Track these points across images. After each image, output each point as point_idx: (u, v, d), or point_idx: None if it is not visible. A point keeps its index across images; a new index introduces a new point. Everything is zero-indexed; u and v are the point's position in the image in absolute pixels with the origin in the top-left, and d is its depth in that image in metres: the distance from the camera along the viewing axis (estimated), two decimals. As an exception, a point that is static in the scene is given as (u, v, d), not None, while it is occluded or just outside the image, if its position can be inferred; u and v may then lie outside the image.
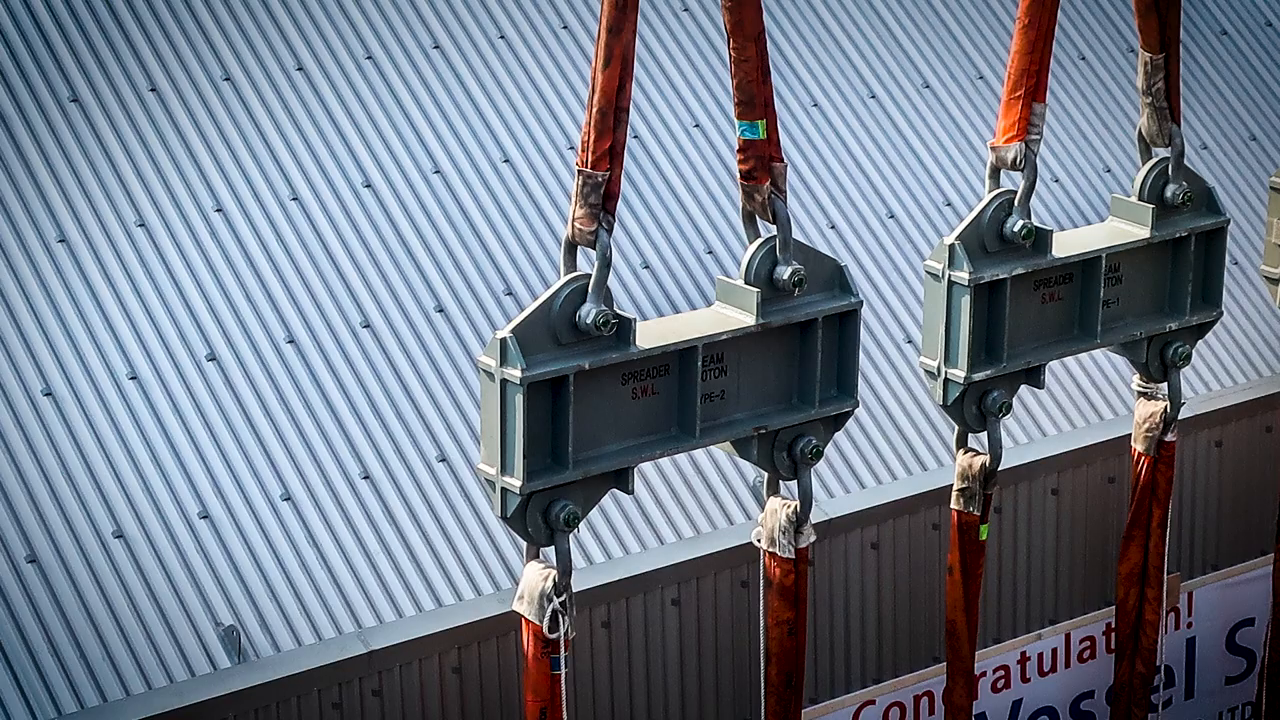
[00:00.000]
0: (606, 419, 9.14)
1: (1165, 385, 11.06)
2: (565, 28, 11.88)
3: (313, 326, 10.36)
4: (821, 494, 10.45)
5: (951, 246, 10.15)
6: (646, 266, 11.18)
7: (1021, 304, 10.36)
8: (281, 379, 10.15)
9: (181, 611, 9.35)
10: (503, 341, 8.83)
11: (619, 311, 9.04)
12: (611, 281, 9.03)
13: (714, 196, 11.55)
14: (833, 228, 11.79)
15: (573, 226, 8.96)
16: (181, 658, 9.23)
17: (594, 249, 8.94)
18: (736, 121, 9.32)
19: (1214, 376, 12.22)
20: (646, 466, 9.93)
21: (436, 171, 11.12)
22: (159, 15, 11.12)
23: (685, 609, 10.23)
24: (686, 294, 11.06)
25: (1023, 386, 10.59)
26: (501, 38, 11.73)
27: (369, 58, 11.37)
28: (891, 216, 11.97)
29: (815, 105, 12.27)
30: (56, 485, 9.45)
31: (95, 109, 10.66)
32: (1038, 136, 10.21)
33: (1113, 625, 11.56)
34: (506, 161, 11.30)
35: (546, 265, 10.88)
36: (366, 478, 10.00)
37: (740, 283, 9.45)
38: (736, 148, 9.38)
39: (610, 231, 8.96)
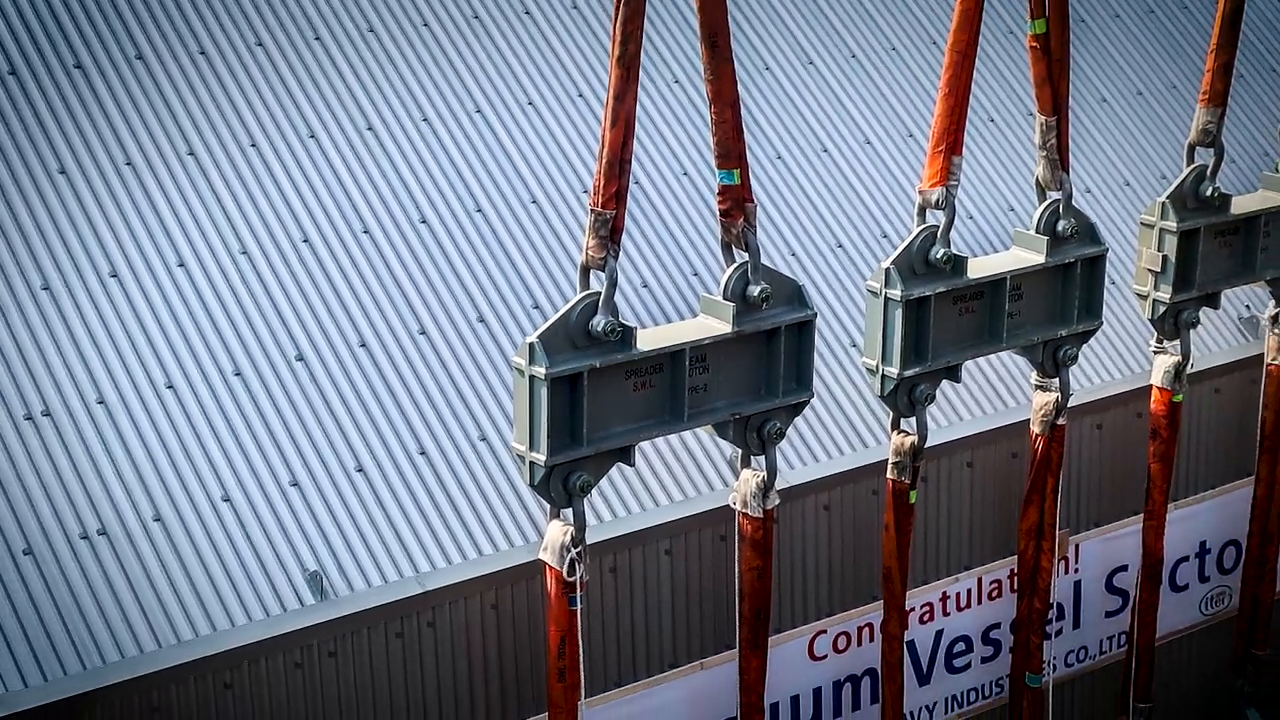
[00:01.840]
0: (613, 407, 9.13)
1: (1057, 380, 11.07)
2: (580, 95, 11.89)
3: (380, 333, 10.36)
4: (784, 466, 10.44)
5: (887, 270, 10.15)
6: (645, 285, 11.18)
7: (943, 315, 10.35)
8: (355, 375, 10.15)
9: (275, 559, 9.35)
10: (531, 345, 8.84)
11: (623, 321, 9.04)
12: (617, 297, 9.03)
13: (699, 230, 11.55)
14: (793, 255, 11.79)
15: (586, 254, 8.95)
16: (275, 596, 9.23)
17: (603, 272, 8.94)
18: (717, 170, 9.31)
19: (1096, 373, 12.23)
20: (645, 444, 9.92)
21: (478, 210, 11.12)
22: (265, 70, 11.11)
23: (676, 558, 10.22)
24: (677, 307, 11.06)
25: (944, 381, 10.59)
26: (530, 104, 11.74)
27: (425, 120, 11.37)
28: (840, 246, 11.97)
29: (779, 158, 12.27)
30: (177, 460, 9.46)
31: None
32: (956, 182, 10.21)
33: (1015, 571, 11.56)
34: (534, 202, 11.29)
35: (565, 284, 10.88)
36: (423, 453, 10.00)
37: (719, 299, 9.45)
38: (717, 191, 9.38)
39: (616, 258, 8.96)
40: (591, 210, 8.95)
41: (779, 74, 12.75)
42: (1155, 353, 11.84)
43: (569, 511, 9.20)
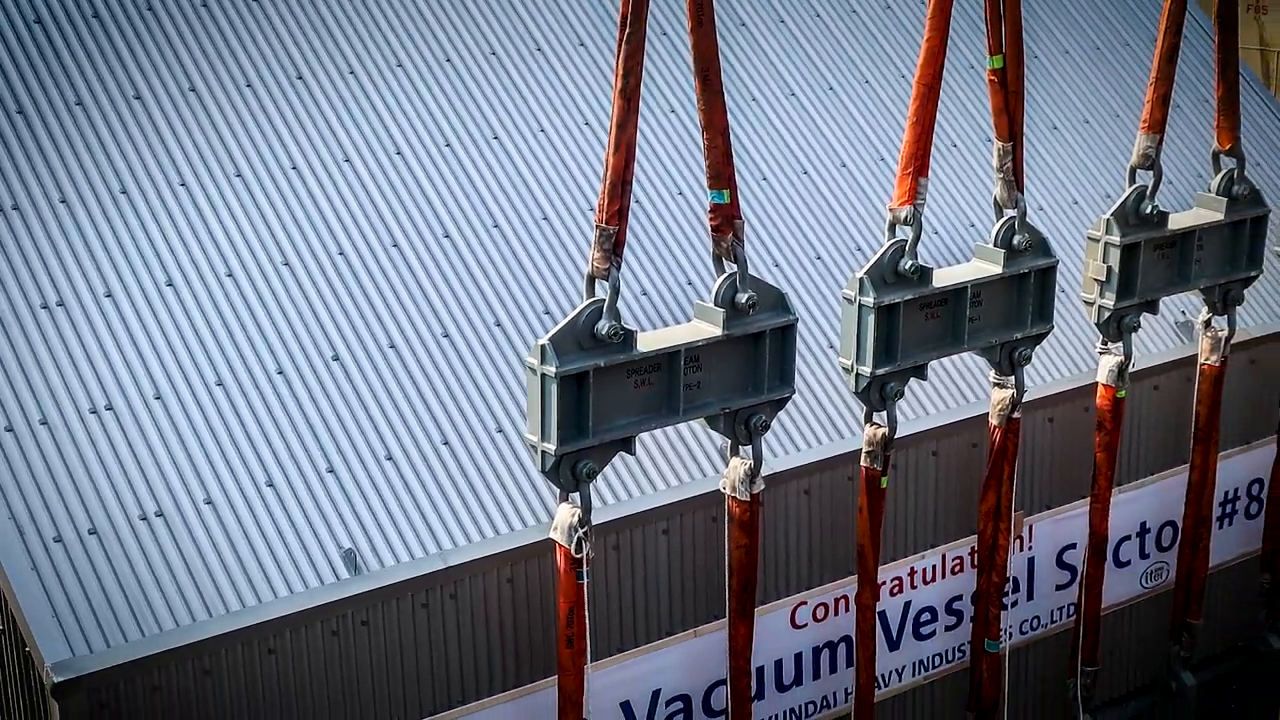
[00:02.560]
0: (616, 402, 9.15)
1: (1013, 378, 11.08)
2: (587, 124, 11.88)
3: (407, 336, 10.36)
4: (769, 455, 10.45)
5: (861, 279, 10.16)
6: (645, 293, 11.18)
7: (911, 320, 10.37)
8: (385, 373, 10.15)
9: (313, 538, 9.35)
10: (543, 347, 8.85)
11: (625, 325, 9.05)
12: (619, 304, 9.04)
13: (693, 244, 11.55)
14: (777, 266, 11.79)
15: (592, 265, 8.97)
16: (314, 571, 9.24)
17: (607, 281, 8.95)
18: (708, 190, 9.32)
19: (1048, 371, 12.23)
20: (644, 435, 9.93)
21: (495, 226, 11.12)
22: (304, 100, 11.11)
23: (672, 537, 10.23)
24: (673, 313, 11.06)
25: (912, 379, 10.59)
26: (542, 131, 11.73)
27: (447, 145, 11.37)
28: (818, 258, 11.97)
29: (764, 179, 12.28)
30: (225, 449, 9.46)
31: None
32: (922, 201, 10.23)
33: (975, 548, 11.57)
34: (545, 219, 11.29)
35: (574, 292, 10.88)
36: (445, 443, 10.00)
37: (711, 305, 9.47)
38: (708, 209, 9.39)
39: (619, 268, 8.97)
40: (597, 226, 8.96)
41: (764, 105, 12.75)
42: (1100, 354, 11.86)
43: (576, 495, 9.21)
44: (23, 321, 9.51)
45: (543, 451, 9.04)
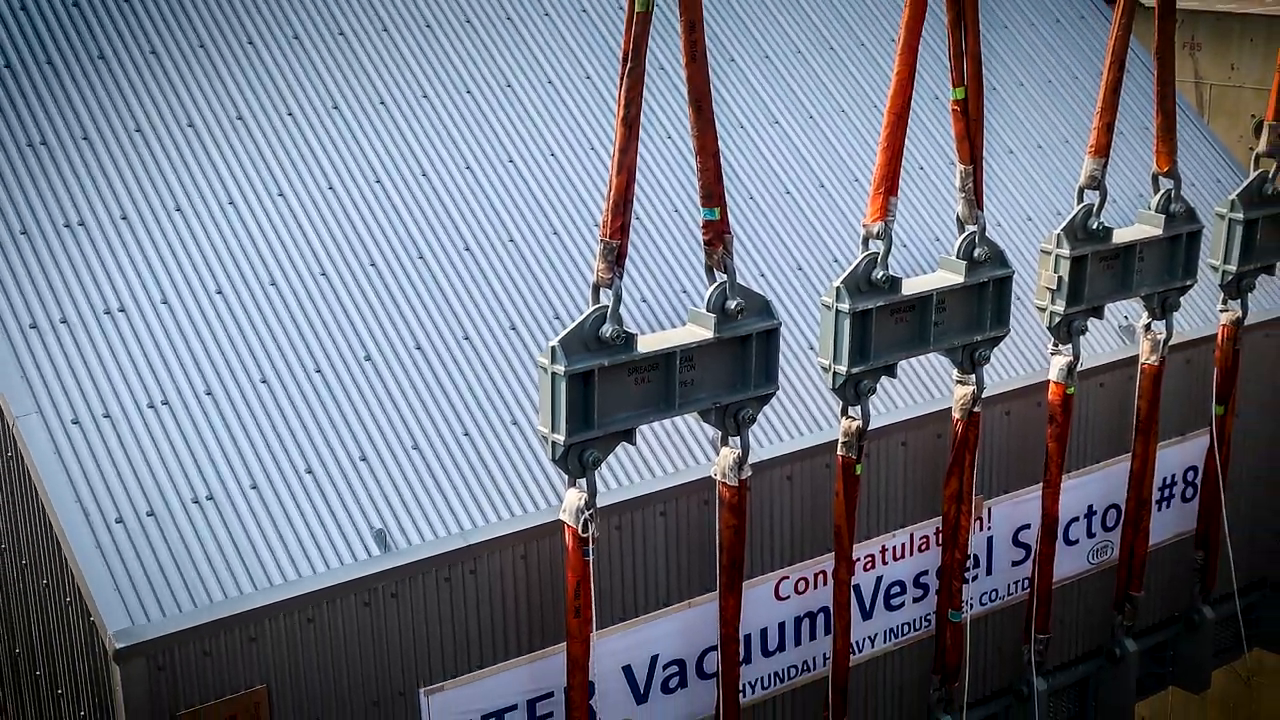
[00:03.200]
0: (618, 398, 9.15)
1: (974, 376, 11.08)
2: (593, 148, 11.89)
3: (431, 338, 10.36)
4: (755, 445, 10.45)
5: (838, 288, 10.16)
6: (644, 300, 11.19)
7: (882, 324, 10.37)
8: (412, 372, 10.15)
9: (348, 519, 9.35)
10: (553, 348, 8.85)
11: (626, 329, 9.05)
12: (621, 310, 9.04)
13: (687, 256, 11.56)
14: (762, 276, 11.80)
15: (597, 275, 8.97)
16: (349, 548, 9.24)
17: (611, 289, 8.95)
18: (701, 208, 9.33)
19: (1005, 370, 12.23)
20: (644, 427, 9.94)
21: (511, 240, 11.12)
22: (340, 128, 11.11)
23: (669, 518, 10.24)
24: (669, 318, 11.06)
25: (883, 377, 10.59)
26: (552, 154, 11.74)
27: (468, 167, 11.37)
28: (799, 269, 11.98)
29: (751, 198, 12.28)
30: (269, 439, 9.47)
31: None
32: (893, 218, 10.23)
33: (940, 528, 11.57)
34: (555, 233, 11.30)
35: (580, 299, 10.88)
36: (466, 434, 10.01)
37: (704, 311, 9.47)
38: (701, 225, 9.39)
39: (621, 278, 8.98)
40: (601, 240, 8.96)
41: (751, 131, 12.76)
42: (1052, 354, 11.86)
43: (583, 481, 9.22)
44: (88, 325, 9.51)
45: (553, 442, 9.04)
